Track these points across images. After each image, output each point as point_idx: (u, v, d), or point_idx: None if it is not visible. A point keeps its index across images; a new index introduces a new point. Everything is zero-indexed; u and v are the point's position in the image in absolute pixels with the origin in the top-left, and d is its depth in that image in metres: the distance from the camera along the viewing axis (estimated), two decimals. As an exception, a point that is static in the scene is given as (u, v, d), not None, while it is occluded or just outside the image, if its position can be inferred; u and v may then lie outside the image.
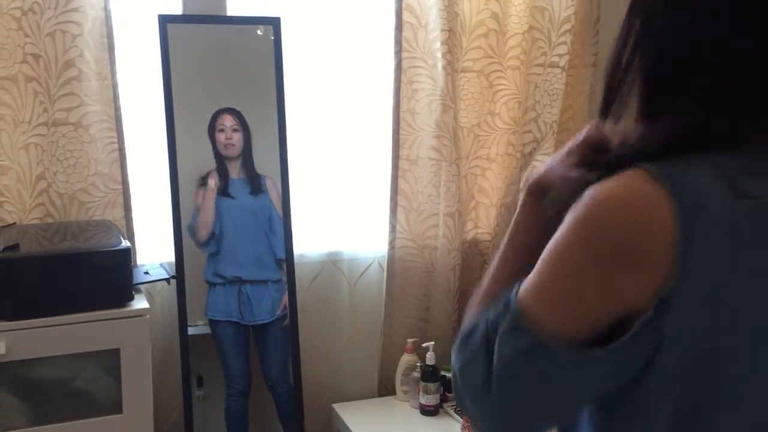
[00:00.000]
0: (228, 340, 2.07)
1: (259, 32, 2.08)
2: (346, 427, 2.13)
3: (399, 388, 2.27)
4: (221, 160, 2.05)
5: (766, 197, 0.64)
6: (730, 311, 0.64)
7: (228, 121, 2.04)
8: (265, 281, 2.09)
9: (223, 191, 2.05)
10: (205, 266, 2.06)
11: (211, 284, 2.06)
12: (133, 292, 1.67)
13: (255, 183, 2.07)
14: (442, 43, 2.17)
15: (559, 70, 2.32)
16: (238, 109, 2.05)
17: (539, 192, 0.79)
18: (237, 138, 2.05)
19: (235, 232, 2.06)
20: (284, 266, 2.10)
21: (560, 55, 2.31)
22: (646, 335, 0.64)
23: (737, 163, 0.65)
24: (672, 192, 0.63)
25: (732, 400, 0.66)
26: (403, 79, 2.19)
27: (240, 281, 2.06)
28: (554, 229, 0.69)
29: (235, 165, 2.06)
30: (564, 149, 0.80)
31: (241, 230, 2.07)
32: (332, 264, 2.28)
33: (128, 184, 1.98)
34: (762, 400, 0.68)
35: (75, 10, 1.85)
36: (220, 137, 2.04)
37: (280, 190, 2.09)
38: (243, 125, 2.05)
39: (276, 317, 2.11)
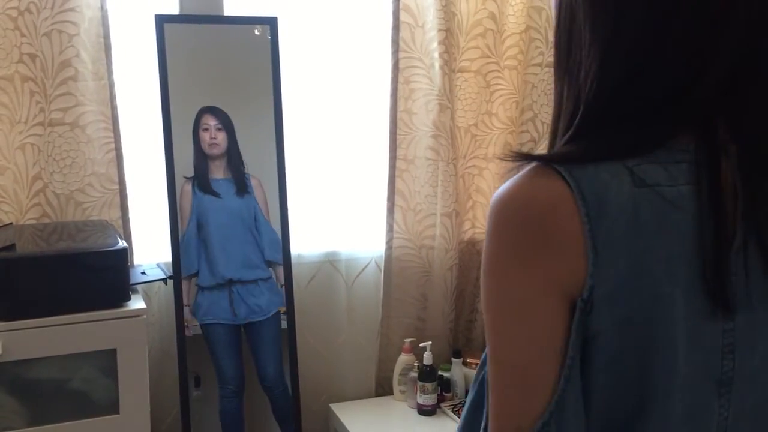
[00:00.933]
0: (220, 342, 2.07)
1: (256, 32, 2.08)
2: (344, 427, 2.12)
3: (396, 388, 2.27)
4: (204, 160, 2.04)
5: (666, 185, 0.64)
6: (651, 299, 0.64)
7: (212, 120, 2.04)
8: (255, 281, 2.09)
9: (207, 189, 2.04)
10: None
11: (201, 288, 2.05)
12: (130, 293, 1.67)
13: (240, 183, 2.07)
14: (440, 43, 2.17)
15: (556, 70, 2.32)
16: (235, 108, 2.05)
17: None
18: (221, 137, 2.04)
19: (223, 234, 2.05)
20: (275, 265, 2.10)
21: (557, 55, 2.31)
22: (578, 343, 0.64)
23: (640, 158, 0.65)
24: (573, 185, 0.62)
25: (664, 390, 0.66)
26: (401, 79, 2.19)
27: (230, 283, 2.06)
28: None
29: (220, 165, 2.06)
30: None
31: (229, 232, 2.06)
32: (329, 264, 2.28)
33: (125, 184, 1.98)
34: (692, 390, 0.67)
35: (72, 9, 1.85)
36: (205, 136, 2.03)
37: (277, 190, 2.09)
38: (226, 125, 2.05)
39: (269, 316, 2.11)
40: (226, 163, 2.06)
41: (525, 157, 0.65)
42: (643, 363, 0.65)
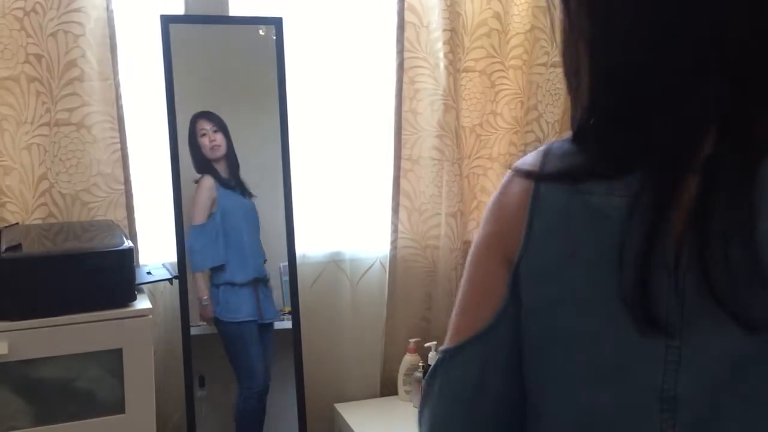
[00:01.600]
0: (252, 340, 2.08)
1: (261, 32, 2.08)
2: (348, 427, 2.13)
3: (401, 388, 2.27)
4: (208, 164, 2.05)
5: (598, 193, 0.67)
6: (564, 288, 0.69)
7: (207, 124, 2.04)
8: (270, 280, 2.11)
9: (229, 185, 2.05)
10: (221, 268, 2.06)
11: (230, 284, 2.06)
12: (136, 293, 1.67)
13: (242, 185, 2.08)
14: (444, 43, 2.17)
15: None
16: (239, 108, 2.06)
17: None
18: (220, 138, 2.05)
19: (248, 232, 2.07)
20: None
21: (562, 55, 2.31)
22: (511, 301, 0.73)
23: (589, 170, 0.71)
24: (534, 185, 0.73)
25: (586, 380, 0.69)
26: (405, 79, 2.19)
27: (258, 281, 2.08)
28: None
29: (226, 167, 2.06)
30: None
31: (251, 230, 2.08)
32: (334, 264, 2.28)
33: (130, 184, 1.98)
34: (621, 395, 0.67)
35: (77, 10, 1.86)
36: (204, 141, 2.04)
37: (282, 190, 2.09)
38: (221, 127, 2.05)
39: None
40: (228, 165, 2.06)
41: (518, 173, 0.77)
42: (563, 348, 0.70)
